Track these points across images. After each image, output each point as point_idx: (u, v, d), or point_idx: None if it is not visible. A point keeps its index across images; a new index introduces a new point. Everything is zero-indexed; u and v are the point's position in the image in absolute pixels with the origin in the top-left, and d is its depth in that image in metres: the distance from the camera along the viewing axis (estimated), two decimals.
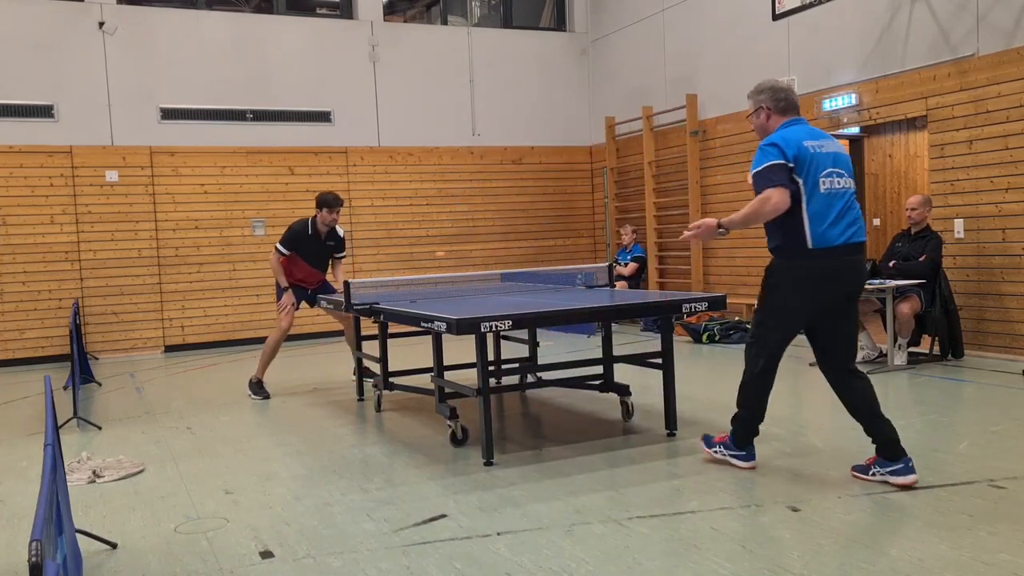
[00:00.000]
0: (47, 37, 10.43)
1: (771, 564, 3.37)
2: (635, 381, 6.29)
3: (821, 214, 4.13)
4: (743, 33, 10.26)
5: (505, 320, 4.74)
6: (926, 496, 4.09)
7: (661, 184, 11.65)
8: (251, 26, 11.48)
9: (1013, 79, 7.42)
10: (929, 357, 7.73)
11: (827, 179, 4.15)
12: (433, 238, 12.34)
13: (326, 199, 7.53)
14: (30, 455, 5.68)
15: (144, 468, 5.23)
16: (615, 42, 12.58)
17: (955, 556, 3.36)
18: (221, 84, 11.20)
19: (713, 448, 4.76)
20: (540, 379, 6.73)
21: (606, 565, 3.44)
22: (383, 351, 6.62)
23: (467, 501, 4.32)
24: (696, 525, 3.84)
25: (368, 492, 4.57)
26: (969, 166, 7.86)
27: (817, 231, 4.12)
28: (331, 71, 11.75)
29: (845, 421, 5.66)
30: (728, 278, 10.71)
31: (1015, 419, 5.52)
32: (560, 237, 13.16)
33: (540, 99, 12.95)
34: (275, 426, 6.43)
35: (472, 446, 5.35)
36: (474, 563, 3.52)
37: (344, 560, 3.62)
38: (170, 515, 4.32)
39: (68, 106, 10.53)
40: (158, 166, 10.94)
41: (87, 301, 10.61)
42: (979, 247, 7.82)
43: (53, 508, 2.44)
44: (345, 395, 7.41)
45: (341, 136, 11.83)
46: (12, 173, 10.28)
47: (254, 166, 11.35)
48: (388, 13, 12.72)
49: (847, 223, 4.19)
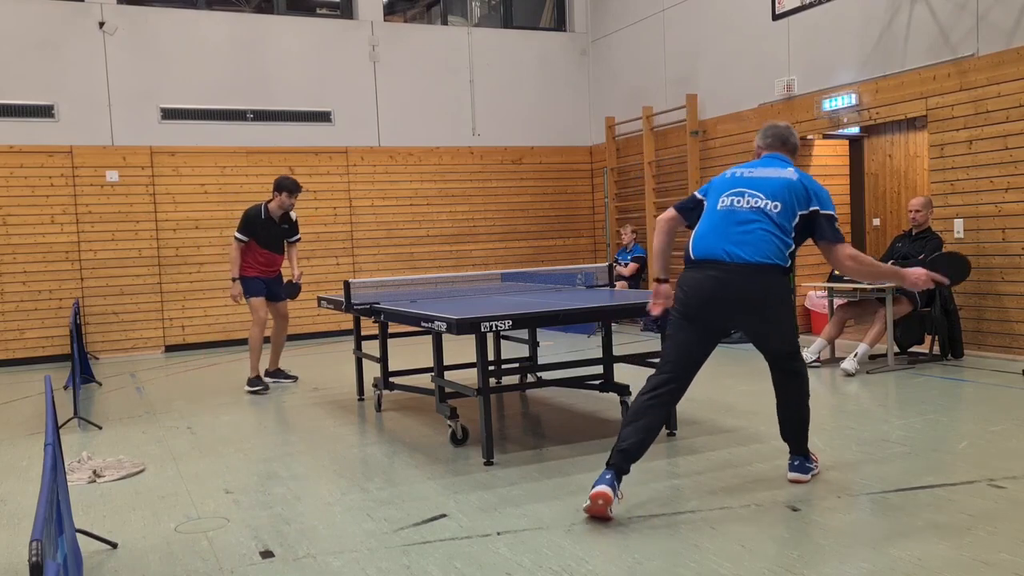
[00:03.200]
0: (47, 37, 10.43)
1: (771, 564, 3.37)
2: (635, 381, 6.28)
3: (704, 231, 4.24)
4: (743, 33, 10.26)
5: (505, 320, 4.74)
6: (926, 496, 4.09)
7: (661, 184, 11.65)
8: (251, 26, 11.49)
9: (1013, 79, 7.43)
10: (929, 357, 7.73)
11: (728, 198, 4.20)
12: (433, 238, 12.34)
13: (287, 183, 7.64)
14: (30, 455, 5.69)
15: (144, 468, 5.23)
16: (615, 42, 12.59)
17: (955, 556, 3.36)
18: (221, 84, 11.20)
19: (811, 470, 4.45)
20: (540, 379, 6.73)
21: (606, 565, 3.44)
22: (383, 351, 6.62)
23: (467, 501, 4.32)
24: (696, 525, 3.84)
25: (368, 492, 4.58)
26: (969, 166, 7.86)
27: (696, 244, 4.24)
28: (331, 71, 11.75)
29: (845, 422, 5.68)
30: None
31: (1015, 419, 5.52)
32: (560, 237, 13.17)
33: (540, 99, 12.95)
34: (275, 426, 6.43)
35: (472, 446, 5.35)
36: (474, 563, 3.52)
37: (344, 560, 3.62)
38: (170, 515, 4.33)
39: (68, 106, 10.53)
40: (158, 166, 10.94)
41: (87, 301, 10.61)
42: (979, 247, 7.82)
43: (53, 508, 2.45)
44: (345, 395, 7.42)
45: (341, 136, 11.83)
46: (12, 173, 10.29)
47: (254, 166, 11.36)
48: (388, 13, 12.72)
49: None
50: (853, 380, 7.12)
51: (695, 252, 4.19)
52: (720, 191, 4.24)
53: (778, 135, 4.42)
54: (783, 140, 4.41)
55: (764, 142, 4.44)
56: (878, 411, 6.14)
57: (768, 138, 4.43)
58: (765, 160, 4.35)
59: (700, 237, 4.20)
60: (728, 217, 4.14)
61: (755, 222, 4.08)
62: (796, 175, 4.19)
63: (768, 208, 4.08)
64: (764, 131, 4.48)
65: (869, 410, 6.17)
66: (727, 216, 4.15)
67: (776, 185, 4.15)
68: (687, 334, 4.19)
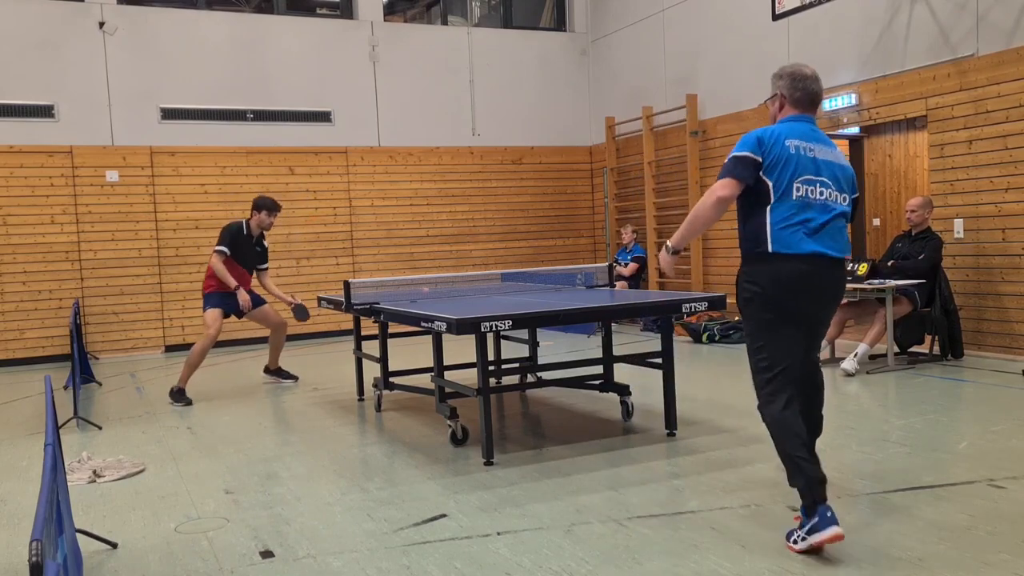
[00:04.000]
0: (47, 37, 10.43)
1: (771, 564, 3.37)
2: (635, 381, 6.30)
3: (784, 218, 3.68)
4: (743, 33, 10.26)
5: (505, 320, 4.74)
6: (926, 496, 4.09)
7: (661, 184, 11.65)
8: (251, 26, 11.49)
9: (1013, 79, 7.42)
10: (929, 357, 7.73)
11: (803, 186, 3.69)
12: (433, 238, 12.34)
13: (266, 202, 7.58)
14: (30, 455, 5.69)
15: (144, 468, 5.23)
16: (615, 42, 12.58)
17: (955, 556, 3.36)
18: (221, 84, 11.20)
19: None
20: (540, 379, 6.73)
21: (606, 565, 3.44)
22: (383, 351, 6.62)
23: (467, 501, 4.32)
24: (696, 525, 3.84)
25: (368, 492, 4.58)
26: (969, 166, 7.86)
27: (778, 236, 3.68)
28: (331, 71, 11.75)
29: (844, 422, 5.68)
30: (728, 278, 10.70)
31: (1015, 419, 5.52)
32: (560, 237, 13.17)
33: (540, 99, 12.95)
34: (275, 426, 6.43)
35: (472, 446, 5.35)
36: (474, 563, 3.52)
37: (344, 560, 3.62)
38: (170, 515, 4.33)
39: (68, 106, 10.53)
40: (158, 166, 10.94)
41: (87, 301, 10.61)
42: (978, 247, 7.82)
43: (53, 508, 2.45)
44: (345, 395, 7.42)
45: (341, 136, 11.83)
46: (12, 173, 10.29)
47: (254, 166, 11.36)
48: (388, 13, 12.72)
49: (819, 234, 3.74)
50: (853, 380, 7.12)
51: (775, 244, 3.67)
52: (790, 172, 3.68)
53: (811, 93, 3.83)
54: (815, 100, 3.86)
55: (793, 94, 3.82)
56: (878, 411, 6.14)
57: (799, 91, 3.82)
58: (810, 130, 3.82)
59: (782, 227, 3.67)
60: (812, 208, 3.70)
61: (835, 214, 3.76)
62: (847, 161, 3.93)
63: (839, 201, 3.80)
64: (794, 79, 3.83)
65: (869, 410, 6.17)
66: (808, 207, 3.70)
67: (842, 175, 3.84)
68: (792, 329, 3.72)
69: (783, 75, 3.88)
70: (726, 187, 3.68)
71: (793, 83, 3.84)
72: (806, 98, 3.83)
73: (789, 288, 3.67)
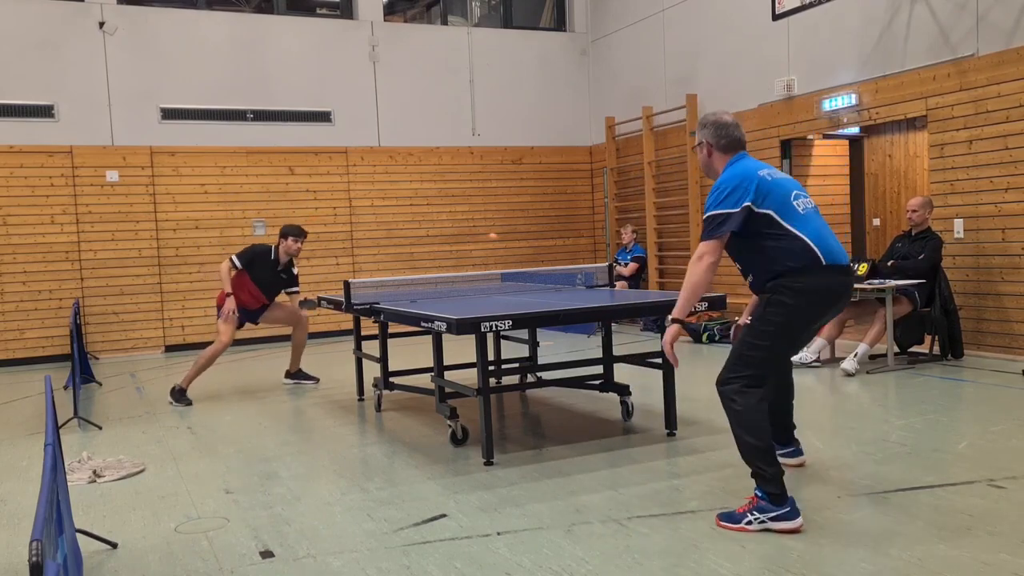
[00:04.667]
0: (47, 37, 10.43)
1: (771, 564, 3.37)
2: (635, 381, 6.30)
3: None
4: (743, 33, 10.26)
5: (505, 320, 4.74)
6: (926, 496, 4.09)
7: (661, 184, 11.65)
8: (251, 26, 11.49)
9: (1013, 79, 7.42)
10: (929, 357, 7.73)
11: (798, 201, 3.86)
12: (433, 238, 12.34)
13: (292, 229, 7.66)
14: (30, 455, 5.69)
15: (144, 468, 5.23)
16: (615, 42, 12.59)
17: (955, 556, 3.36)
18: (221, 84, 11.20)
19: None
20: (540, 379, 6.73)
21: (606, 565, 3.44)
22: (383, 351, 6.63)
23: (467, 501, 4.32)
24: (696, 525, 3.84)
25: (368, 492, 4.58)
26: (969, 166, 7.86)
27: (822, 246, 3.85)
28: (331, 71, 11.75)
29: (844, 422, 5.68)
30: (728, 278, 10.68)
31: (1015, 419, 5.52)
32: (560, 237, 13.17)
33: (540, 99, 12.95)
34: (275, 426, 6.43)
35: (472, 446, 5.35)
36: (474, 563, 3.52)
37: (344, 560, 3.62)
38: (170, 515, 4.33)
39: (68, 106, 10.53)
40: (158, 166, 10.94)
41: (87, 301, 10.61)
42: (978, 247, 7.82)
43: (53, 508, 2.45)
44: (345, 395, 7.42)
45: (341, 136, 11.83)
46: (12, 173, 10.29)
47: (254, 166, 11.36)
48: (388, 13, 12.72)
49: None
50: (853, 380, 7.12)
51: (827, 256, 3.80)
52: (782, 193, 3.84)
53: (735, 139, 4.04)
54: (742, 143, 4.08)
55: (719, 142, 4.03)
56: (878, 411, 6.14)
57: (723, 139, 4.02)
58: (757, 162, 4.03)
59: (822, 239, 3.83)
60: (817, 218, 3.90)
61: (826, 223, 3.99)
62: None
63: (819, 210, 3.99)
64: (717, 127, 4.04)
65: (869, 410, 6.17)
66: (818, 217, 3.90)
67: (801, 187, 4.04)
68: (804, 336, 3.97)
69: (707, 124, 4.10)
70: (714, 251, 3.84)
71: (717, 132, 4.05)
72: (731, 144, 4.05)
73: (836, 298, 3.88)
